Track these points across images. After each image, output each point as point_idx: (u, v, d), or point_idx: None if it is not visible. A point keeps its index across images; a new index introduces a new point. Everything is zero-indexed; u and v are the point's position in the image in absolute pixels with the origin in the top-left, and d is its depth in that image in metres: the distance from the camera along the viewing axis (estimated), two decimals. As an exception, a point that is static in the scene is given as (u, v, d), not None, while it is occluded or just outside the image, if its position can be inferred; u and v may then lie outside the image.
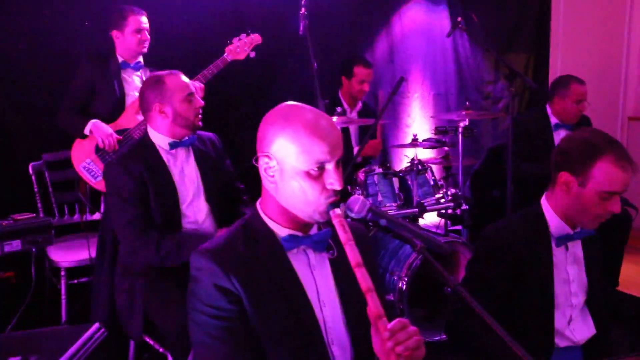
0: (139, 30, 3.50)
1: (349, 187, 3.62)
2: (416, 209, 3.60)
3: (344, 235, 1.46)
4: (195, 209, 2.80)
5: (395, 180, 3.70)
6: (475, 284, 2.03)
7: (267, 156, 1.54)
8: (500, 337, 1.42)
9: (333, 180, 1.51)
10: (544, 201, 2.11)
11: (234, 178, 3.03)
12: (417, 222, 3.91)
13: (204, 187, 2.82)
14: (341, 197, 1.56)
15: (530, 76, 5.74)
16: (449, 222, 3.90)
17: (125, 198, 2.62)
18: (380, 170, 3.66)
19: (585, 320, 2.14)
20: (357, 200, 1.55)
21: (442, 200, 3.75)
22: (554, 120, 4.22)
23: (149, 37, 3.55)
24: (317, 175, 1.51)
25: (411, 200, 3.66)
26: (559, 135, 4.18)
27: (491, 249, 2.06)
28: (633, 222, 4.26)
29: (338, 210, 1.51)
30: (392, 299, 3.34)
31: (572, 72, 4.33)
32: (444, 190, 3.79)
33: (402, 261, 3.39)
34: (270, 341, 1.52)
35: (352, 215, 1.56)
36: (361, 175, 3.62)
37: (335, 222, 1.49)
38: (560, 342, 2.07)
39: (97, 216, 3.64)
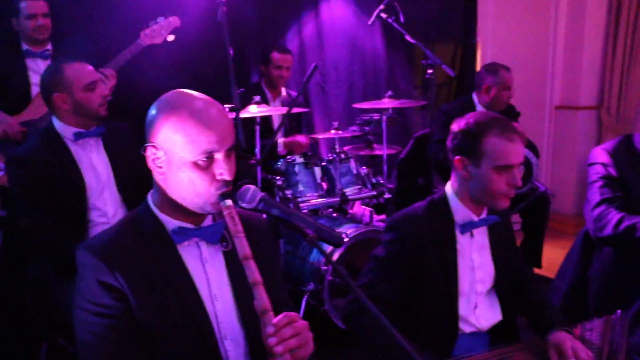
0: (33, 16, 3.35)
1: (269, 176, 3.57)
2: (338, 198, 3.59)
3: (233, 228, 1.42)
4: (106, 201, 2.72)
5: (317, 170, 3.68)
6: (380, 272, 2.02)
7: (154, 146, 1.50)
8: (388, 328, 1.39)
9: (223, 171, 1.47)
10: (448, 189, 2.11)
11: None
12: (346, 211, 3.91)
13: (115, 177, 2.74)
14: (234, 187, 1.52)
15: (458, 65, 5.79)
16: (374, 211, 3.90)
17: (28, 193, 2.52)
18: (302, 159, 3.62)
19: (492, 306, 2.15)
20: (248, 190, 1.51)
21: (365, 190, 3.75)
22: (479, 108, 4.27)
23: (44, 22, 3.38)
24: (205, 165, 1.46)
25: (334, 190, 3.64)
26: (486, 123, 4.24)
27: (395, 237, 2.05)
28: (550, 206, 4.36)
29: (228, 202, 1.46)
30: (313, 288, 3.32)
31: (501, 61, 4.39)
32: (368, 179, 3.79)
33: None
34: (158, 337, 1.47)
35: (243, 205, 1.52)
36: (282, 165, 3.58)
37: (225, 213, 1.45)
38: (465, 328, 2.08)
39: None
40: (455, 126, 2.04)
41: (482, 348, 2.09)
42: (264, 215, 1.69)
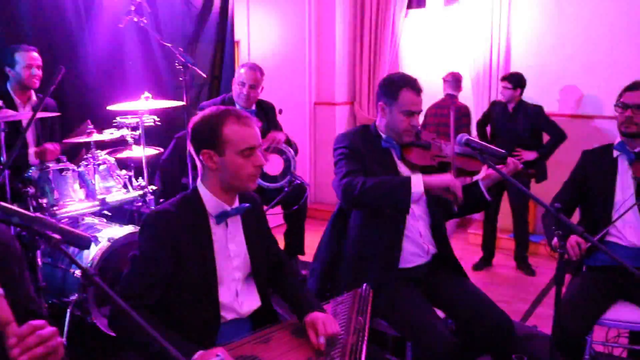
0: None
1: (20, 185, 3.35)
2: (98, 203, 3.49)
3: None
4: None
5: (74, 176, 3.53)
6: (137, 270, 2.04)
7: None
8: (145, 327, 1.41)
9: None
10: (199, 183, 2.18)
11: None
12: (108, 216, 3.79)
13: None
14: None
15: (219, 65, 5.90)
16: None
17: None
18: (56, 166, 3.45)
19: (251, 292, 2.26)
20: None
21: (127, 193, 3.69)
22: (238, 105, 4.43)
23: None
24: None
25: (93, 196, 3.53)
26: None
27: (149, 235, 2.07)
28: (310, 196, 4.65)
29: None
30: (76, 298, 3.20)
31: (260, 61, 4.58)
32: (129, 182, 3.73)
33: (84, 259, 3.27)
34: None
35: None
36: (34, 173, 3.38)
37: None
38: (227, 315, 2.16)
39: None
40: (193, 123, 2.14)
41: (245, 333, 2.18)
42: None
